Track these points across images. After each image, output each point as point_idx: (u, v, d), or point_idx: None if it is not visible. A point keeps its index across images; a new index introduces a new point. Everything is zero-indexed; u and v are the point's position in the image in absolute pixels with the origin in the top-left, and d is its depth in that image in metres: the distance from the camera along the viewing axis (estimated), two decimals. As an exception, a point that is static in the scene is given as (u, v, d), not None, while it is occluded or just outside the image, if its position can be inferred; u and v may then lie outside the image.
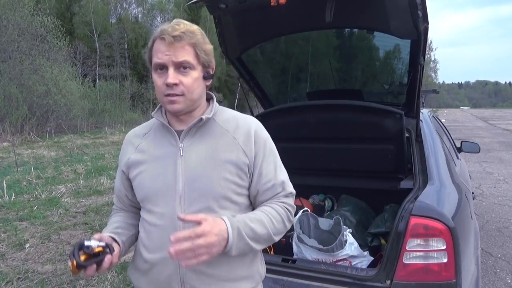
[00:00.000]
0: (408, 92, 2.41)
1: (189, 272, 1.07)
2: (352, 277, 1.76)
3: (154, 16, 35.30)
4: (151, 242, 1.13)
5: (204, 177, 1.08)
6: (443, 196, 1.89)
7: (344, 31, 2.78)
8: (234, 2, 1.96)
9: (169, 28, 1.03)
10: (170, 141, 1.14)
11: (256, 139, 1.14)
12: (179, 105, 1.07)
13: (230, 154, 1.10)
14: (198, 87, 1.10)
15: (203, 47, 1.08)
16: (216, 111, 1.17)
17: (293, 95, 3.34)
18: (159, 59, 1.05)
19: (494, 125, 22.97)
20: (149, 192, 1.13)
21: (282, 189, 1.16)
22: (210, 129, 1.14)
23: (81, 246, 0.96)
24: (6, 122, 13.22)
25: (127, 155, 1.20)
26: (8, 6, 14.71)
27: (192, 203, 1.08)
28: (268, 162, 1.15)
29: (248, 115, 1.24)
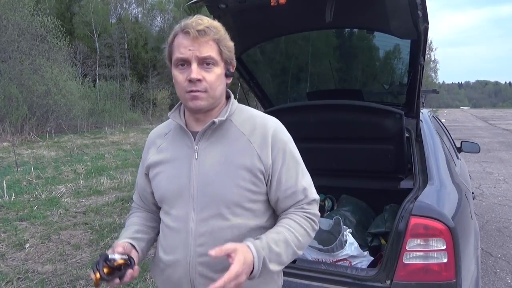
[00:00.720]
0: (408, 92, 2.41)
1: (199, 277, 1.06)
2: (352, 277, 1.76)
3: (154, 16, 35.30)
4: (165, 243, 1.13)
5: (216, 183, 1.05)
6: (443, 196, 1.89)
7: (344, 31, 2.78)
8: (234, 2, 1.96)
9: (193, 23, 1.00)
10: (186, 143, 1.11)
11: (274, 143, 1.08)
12: (202, 101, 1.04)
13: (244, 160, 1.06)
14: (220, 84, 1.07)
15: (226, 43, 1.06)
16: (234, 111, 1.13)
17: (293, 95, 3.34)
18: (182, 54, 1.01)
19: (494, 125, 22.97)
20: (165, 193, 1.12)
21: (304, 196, 1.11)
22: (226, 131, 1.10)
23: (105, 259, 0.97)
24: (6, 122, 13.22)
25: (149, 155, 1.19)
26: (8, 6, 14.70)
27: (203, 208, 1.06)
28: (288, 168, 1.09)
29: (268, 115, 1.16)
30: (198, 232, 1.06)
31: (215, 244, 1.02)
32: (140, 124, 22.03)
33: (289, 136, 1.14)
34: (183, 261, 1.07)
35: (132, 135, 15.57)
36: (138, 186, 1.27)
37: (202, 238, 1.06)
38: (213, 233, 1.05)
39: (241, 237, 1.05)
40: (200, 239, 1.06)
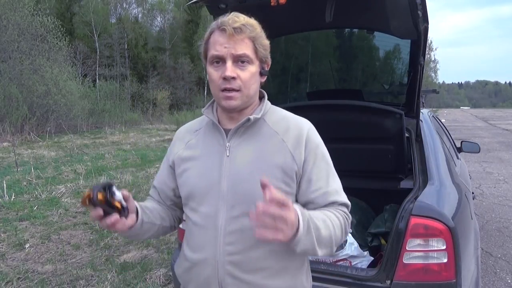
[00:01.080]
0: (408, 92, 2.41)
1: (227, 277, 1.04)
2: (352, 277, 1.76)
3: (154, 16, 35.31)
4: (192, 241, 1.11)
5: (248, 181, 1.03)
6: (443, 196, 1.89)
7: (344, 31, 2.78)
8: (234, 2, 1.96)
9: (230, 20, 0.99)
10: (218, 140, 1.10)
11: (307, 143, 1.07)
12: (235, 101, 1.03)
13: (277, 158, 1.04)
14: (254, 82, 1.06)
15: (262, 41, 1.04)
16: (267, 110, 1.12)
17: (293, 95, 3.34)
18: (217, 51, 1.00)
19: (494, 125, 22.97)
20: (193, 189, 1.10)
21: (336, 198, 1.07)
22: (259, 130, 1.09)
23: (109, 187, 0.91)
24: (6, 122, 13.21)
25: (175, 150, 1.17)
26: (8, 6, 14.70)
27: (234, 206, 1.04)
28: (319, 168, 1.07)
29: (301, 117, 1.15)
30: (228, 230, 1.03)
31: (244, 243, 1.02)
32: (140, 124, 22.02)
33: (321, 139, 1.13)
34: (211, 260, 1.05)
35: (132, 135, 15.57)
36: (158, 180, 1.23)
37: (231, 236, 1.03)
38: (243, 232, 1.03)
39: None
40: (230, 237, 1.04)
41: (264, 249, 1.03)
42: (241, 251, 1.03)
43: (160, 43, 33.43)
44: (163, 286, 3.01)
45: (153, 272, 3.16)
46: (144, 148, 11.64)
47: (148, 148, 11.66)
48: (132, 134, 16.19)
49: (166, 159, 1.22)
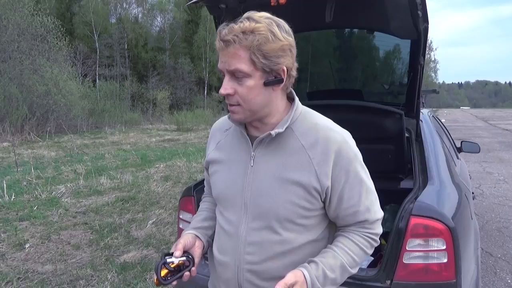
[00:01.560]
0: (408, 92, 2.41)
1: (246, 282, 1.07)
2: (352, 277, 1.75)
3: (154, 16, 35.31)
4: (219, 243, 1.14)
5: (269, 196, 1.01)
6: (443, 196, 1.89)
7: (344, 31, 2.78)
8: (234, 2, 1.96)
9: (226, 30, 0.92)
10: (244, 147, 1.08)
11: (337, 160, 1.00)
12: (238, 115, 1.00)
13: (300, 176, 1.00)
14: (257, 95, 0.97)
15: (263, 48, 0.92)
16: (296, 118, 1.04)
17: (293, 95, 3.33)
18: (219, 65, 0.98)
19: (494, 125, 22.98)
20: (220, 194, 1.13)
21: (367, 217, 1.05)
22: (285, 140, 1.03)
23: (164, 263, 1.04)
24: (6, 122, 13.22)
25: (209, 149, 1.19)
26: (8, 6, 14.72)
27: (254, 218, 1.04)
28: (351, 186, 1.02)
29: (334, 126, 1.07)
30: (248, 240, 1.05)
31: (264, 255, 1.04)
32: (140, 124, 22.02)
33: (356, 151, 1.06)
34: (232, 264, 1.08)
35: (132, 135, 15.57)
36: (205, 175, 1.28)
37: (251, 247, 1.05)
38: (262, 245, 1.04)
39: (292, 251, 1.03)
40: (250, 247, 1.05)
41: (282, 261, 1.04)
42: (260, 261, 1.04)
43: (160, 43, 33.44)
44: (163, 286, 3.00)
45: (153, 272, 3.15)
46: (144, 148, 11.64)
47: (148, 148, 11.67)
48: (132, 134, 16.19)
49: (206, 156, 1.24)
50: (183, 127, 18.28)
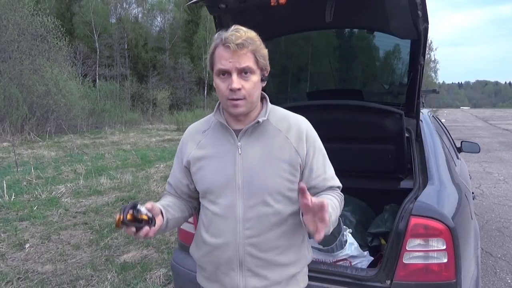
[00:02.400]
0: (408, 92, 2.41)
1: (247, 256, 1.22)
2: (352, 277, 1.76)
3: (154, 16, 35.30)
4: (213, 229, 1.26)
5: (261, 175, 1.20)
6: (443, 196, 1.89)
7: (344, 31, 2.78)
8: (234, 2, 1.96)
9: (233, 36, 1.11)
10: (228, 140, 1.24)
11: (307, 138, 1.25)
12: (241, 108, 1.17)
13: (283, 154, 1.21)
14: (257, 90, 1.20)
15: (261, 52, 1.17)
16: (269, 111, 1.26)
17: (293, 95, 3.34)
18: (223, 65, 1.13)
19: (494, 125, 22.98)
20: (210, 185, 1.25)
21: (333, 182, 1.29)
22: (264, 129, 1.24)
23: (133, 207, 1.07)
24: (6, 122, 13.22)
25: (188, 150, 1.30)
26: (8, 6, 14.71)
27: (250, 197, 1.20)
28: (317, 159, 1.26)
29: (298, 115, 1.32)
30: (246, 217, 1.21)
31: (261, 227, 1.21)
32: (140, 124, 22.02)
33: (316, 133, 1.31)
34: (232, 243, 1.22)
35: (132, 135, 15.57)
36: (173, 178, 1.38)
37: (249, 222, 1.21)
38: (259, 218, 1.20)
39: (282, 221, 1.22)
40: (248, 223, 1.21)
41: (276, 231, 1.22)
42: (258, 234, 1.21)
43: (160, 43, 33.44)
44: (163, 286, 3.01)
45: (153, 272, 3.16)
46: (144, 148, 11.64)
47: (148, 148, 11.67)
48: (132, 134, 16.19)
49: (179, 159, 1.35)
50: (183, 127, 18.26)
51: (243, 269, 1.23)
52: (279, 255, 1.23)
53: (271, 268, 1.23)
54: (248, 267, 1.22)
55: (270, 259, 1.22)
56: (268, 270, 1.23)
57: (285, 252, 1.25)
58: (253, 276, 1.23)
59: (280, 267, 1.24)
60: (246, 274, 1.23)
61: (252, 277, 1.23)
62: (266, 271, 1.23)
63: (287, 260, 1.25)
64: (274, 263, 1.23)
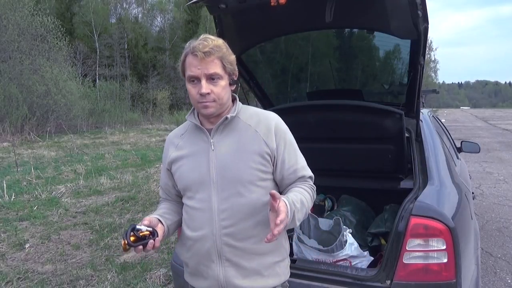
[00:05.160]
0: (408, 92, 2.41)
1: (225, 246, 1.27)
2: (352, 277, 1.76)
3: (154, 16, 35.28)
4: (193, 222, 1.33)
5: (233, 167, 1.27)
6: (443, 196, 1.89)
7: (344, 31, 2.77)
8: (234, 2, 1.96)
9: (200, 45, 1.20)
10: (202, 138, 1.32)
11: (277, 131, 1.31)
12: (211, 109, 1.25)
13: (253, 146, 1.28)
14: (226, 92, 1.28)
15: (228, 58, 1.25)
16: (240, 109, 1.34)
17: (293, 95, 3.34)
18: (193, 72, 1.22)
19: (494, 125, 22.97)
20: (188, 182, 1.32)
21: (304, 172, 1.35)
22: (235, 125, 1.32)
23: (133, 229, 1.16)
24: (6, 122, 13.22)
25: (169, 154, 1.39)
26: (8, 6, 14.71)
27: (224, 189, 1.27)
28: (289, 151, 1.33)
29: (268, 111, 1.40)
30: (221, 209, 1.27)
31: (236, 217, 1.26)
32: (140, 124, 22.02)
33: (287, 127, 1.37)
34: (210, 235, 1.28)
35: (132, 135, 15.58)
36: (161, 182, 1.48)
37: (224, 213, 1.27)
38: (233, 208, 1.27)
39: (257, 210, 1.27)
40: (223, 214, 1.27)
41: (251, 221, 1.27)
42: (233, 224, 1.27)
43: (160, 43, 33.41)
44: (163, 286, 3.01)
45: (153, 272, 3.16)
46: (144, 148, 11.64)
47: (148, 148, 11.67)
48: (132, 134, 16.19)
49: (164, 163, 1.44)
50: (183, 127, 18.22)
51: (222, 259, 1.28)
52: (255, 244, 1.28)
53: (249, 257, 1.28)
54: (226, 257, 1.28)
55: (247, 248, 1.28)
56: (245, 259, 1.28)
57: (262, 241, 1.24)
58: (232, 266, 1.28)
59: (258, 256, 1.29)
60: (225, 264, 1.28)
61: (230, 267, 1.28)
62: (244, 261, 1.28)
63: (265, 249, 1.29)
64: (251, 251, 1.28)
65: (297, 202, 1.21)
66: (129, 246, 1.14)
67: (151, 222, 1.24)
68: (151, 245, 1.19)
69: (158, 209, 1.43)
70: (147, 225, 1.21)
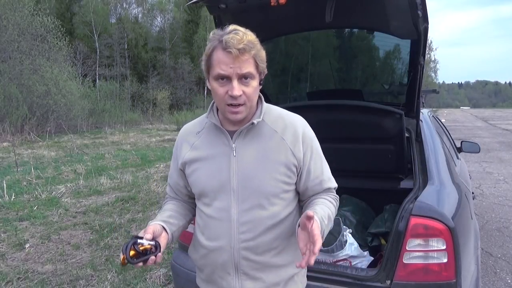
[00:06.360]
0: (408, 92, 2.41)
1: (243, 260, 1.19)
2: (352, 277, 1.76)
3: (154, 16, 35.29)
4: (209, 231, 1.24)
5: (256, 177, 1.17)
6: (443, 196, 1.89)
7: (344, 31, 2.78)
8: (234, 2, 1.96)
9: (234, 40, 1.05)
10: (223, 141, 1.21)
11: (304, 139, 1.21)
12: (241, 114, 1.14)
13: (279, 155, 1.18)
14: (256, 94, 1.17)
15: (261, 56, 1.14)
16: (265, 111, 1.22)
17: (293, 95, 3.34)
18: (223, 70, 1.08)
19: (494, 125, 22.97)
20: (205, 188, 1.22)
21: (329, 184, 1.27)
22: (260, 130, 1.20)
23: (134, 243, 1.08)
24: (6, 122, 13.21)
25: (183, 152, 1.27)
26: (8, 6, 14.71)
27: (245, 200, 1.18)
28: (315, 160, 1.24)
29: (294, 114, 1.28)
30: (241, 221, 1.18)
31: (256, 231, 1.18)
32: (140, 124, 22.02)
33: (313, 133, 1.28)
34: (227, 247, 1.19)
35: (132, 135, 15.57)
36: (171, 180, 1.36)
37: (244, 226, 1.18)
38: (254, 222, 1.18)
39: (278, 223, 1.19)
40: (243, 227, 1.18)
41: (271, 234, 1.19)
42: (253, 238, 1.18)
43: (160, 43, 33.42)
44: (163, 286, 3.01)
45: (153, 272, 3.16)
46: (144, 148, 11.64)
47: (148, 148, 11.66)
48: (132, 134, 16.19)
49: (175, 161, 1.32)
50: (183, 127, 18.26)
51: (238, 272, 1.20)
52: (274, 257, 1.21)
53: (267, 270, 1.21)
54: (244, 270, 1.20)
55: (265, 262, 1.20)
56: (264, 272, 1.21)
57: (281, 253, 1.22)
58: (249, 279, 1.21)
59: (276, 268, 1.22)
60: (242, 278, 1.21)
61: (248, 280, 1.21)
62: (262, 274, 1.21)
63: (284, 261, 1.22)
64: (270, 265, 1.20)
65: (325, 218, 1.13)
66: (128, 262, 1.07)
67: (154, 233, 1.13)
68: (152, 261, 1.09)
69: (163, 210, 1.32)
70: (150, 239, 1.11)
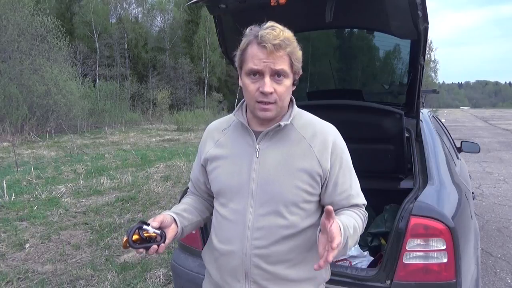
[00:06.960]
0: (408, 92, 2.41)
1: (254, 268, 1.13)
2: (352, 277, 1.76)
3: (154, 16, 35.29)
4: (221, 233, 1.19)
5: (277, 183, 1.11)
6: (443, 196, 1.89)
7: (344, 31, 2.78)
8: (234, 2, 1.95)
9: (269, 35, 1.03)
10: (247, 141, 1.17)
11: (333, 149, 1.15)
12: (271, 112, 1.10)
13: (304, 163, 1.12)
14: (288, 94, 1.12)
15: (297, 55, 1.10)
16: (295, 115, 1.18)
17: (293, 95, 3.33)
18: (256, 65, 1.05)
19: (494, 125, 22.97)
20: (223, 187, 1.18)
21: (358, 200, 1.19)
22: (287, 133, 1.16)
23: (139, 227, 1.04)
24: (6, 122, 13.21)
25: (206, 148, 1.24)
26: (8, 6, 14.70)
27: (262, 204, 1.12)
28: (344, 173, 1.17)
29: (326, 122, 1.22)
30: (256, 226, 1.12)
31: (271, 239, 1.11)
32: (140, 124, 22.02)
33: (345, 144, 1.21)
34: (239, 252, 1.14)
35: (132, 135, 15.57)
36: (193, 175, 1.34)
37: (259, 232, 1.12)
38: (270, 229, 1.11)
39: (296, 234, 1.13)
40: (257, 233, 1.12)
41: (287, 245, 1.12)
42: (267, 245, 1.12)
43: (160, 43, 33.42)
44: (163, 286, 3.01)
45: (153, 272, 3.16)
46: (144, 148, 11.64)
47: (148, 148, 11.66)
48: (132, 134, 16.18)
49: (198, 157, 1.29)
50: (183, 127, 18.28)
51: (249, 281, 1.14)
52: (288, 269, 1.13)
53: (279, 283, 1.13)
54: (254, 279, 1.14)
55: (277, 273, 1.13)
56: (275, 284, 1.13)
57: (295, 266, 1.14)
58: None
59: (289, 283, 1.14)
60: (252, 287, 1.14)
61: None
62: (273, 286, 1.13)
63: (297, 276, 1.14)
64: (281, 277, 1.13)
65: (350, 227, 1.05)
66: (129, 245, 1.03)
67: (163, 223, 1.10)
68: (153, 250, 1.05)
69: (181, 203, 1.30)
70: (156, 227, 1.07)
